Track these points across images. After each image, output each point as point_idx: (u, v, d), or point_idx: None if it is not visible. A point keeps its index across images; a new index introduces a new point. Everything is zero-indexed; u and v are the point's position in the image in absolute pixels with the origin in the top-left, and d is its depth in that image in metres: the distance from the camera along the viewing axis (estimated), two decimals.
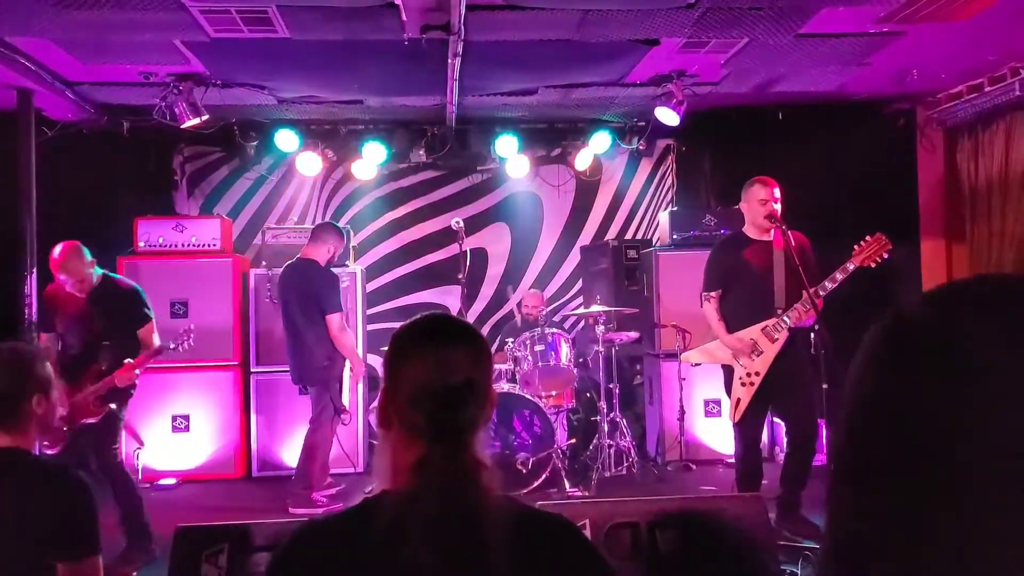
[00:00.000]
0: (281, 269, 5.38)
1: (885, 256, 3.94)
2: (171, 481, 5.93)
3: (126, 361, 4.07)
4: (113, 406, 4.10)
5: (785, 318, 4.07)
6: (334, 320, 4.94)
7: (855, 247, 4.02)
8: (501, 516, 1.20)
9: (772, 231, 4.20)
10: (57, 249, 4.17)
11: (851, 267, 3.98)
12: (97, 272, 4.25)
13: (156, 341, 4.30)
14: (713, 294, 4.35)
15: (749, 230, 4.31)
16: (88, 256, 4.19)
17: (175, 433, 6.05)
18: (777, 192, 4.23)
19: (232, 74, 5.47)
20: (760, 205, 4.20)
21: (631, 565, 2.37)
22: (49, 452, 3.93)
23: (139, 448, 5.99)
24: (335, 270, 5.29)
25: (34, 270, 5.45)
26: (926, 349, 0.61)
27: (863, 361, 0.66)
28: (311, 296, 4.98)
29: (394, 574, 1.18)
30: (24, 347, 2.18)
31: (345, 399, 5.02)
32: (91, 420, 4.03)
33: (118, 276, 4.52)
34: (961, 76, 5.93)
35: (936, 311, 0.63)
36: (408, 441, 1.26)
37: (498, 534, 1.18)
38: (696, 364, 4.91)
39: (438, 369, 1.27)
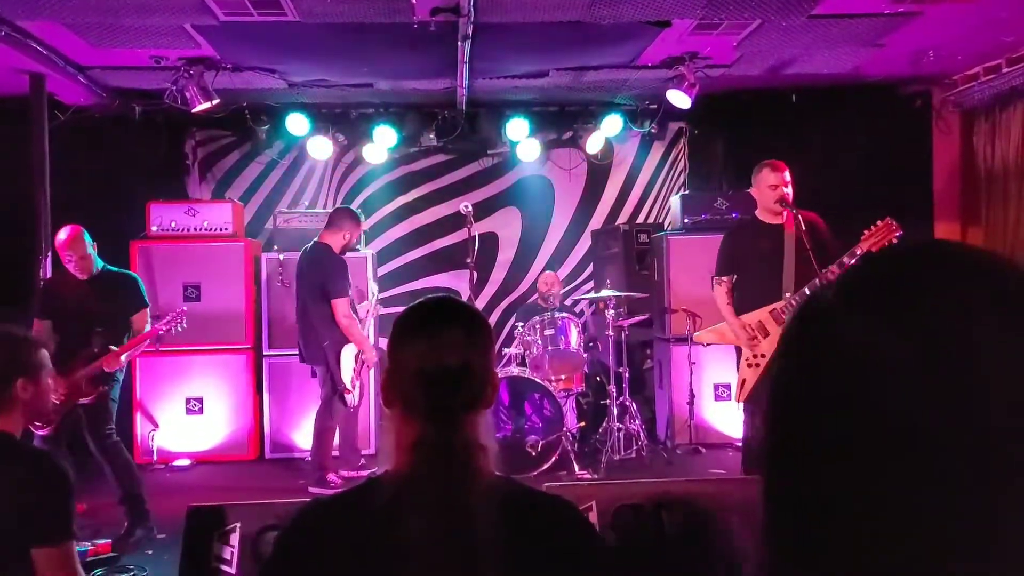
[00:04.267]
0: (292, 253, 5.46)
1: (894, 241, 3.91)
2: (185, 463, 6.00)
3: (110, 348, 4.16)
4: (105, 387, 4.20)
5: (793, 301, 4.06)
6: (339, 305, 4.97)
7: (864, 232, 3.99)
8: (494, 497, 1.21)
9: (784, 215, 4.17)
10: (63, 231, 4.35)
11: (859, 252, 3.94)
12: (98, 264, 4.40)
13: (147, 328, 4.42)
14: (725, 279, 4.35)
15: (761, 214, 4.29)
16: (89, 240, 4.38)
17: (189, 415, 6.11)
18: (787, 175, 4.19)
19: (242, 58, 5.47)
20: (770, 190, 4.16)
21: (636, 546, 2.38)
22: (40, 433, 4.02)
23: (154, 430, 6.07)
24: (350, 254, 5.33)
25: (48, 254, 5.50)
26: (826, 334, 0.61)
27: (780, 345, 0.65)
28: (318, 280, 5.03)
29: (390, 553, 1.20)
30: (13, 331, 2.17)
31: (347, 380, 5.06)
32: (85, 401, 4.14)
33: (116, 268, 4.63)
34: (978, 57, 5.85)
35: (836, 295, 0.62)
36: (408, 421, 1.28)
37: (489, 514, 1.19)
38: (708, 344, 4.89)
39: (434, 351, 1.29)
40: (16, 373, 2.06)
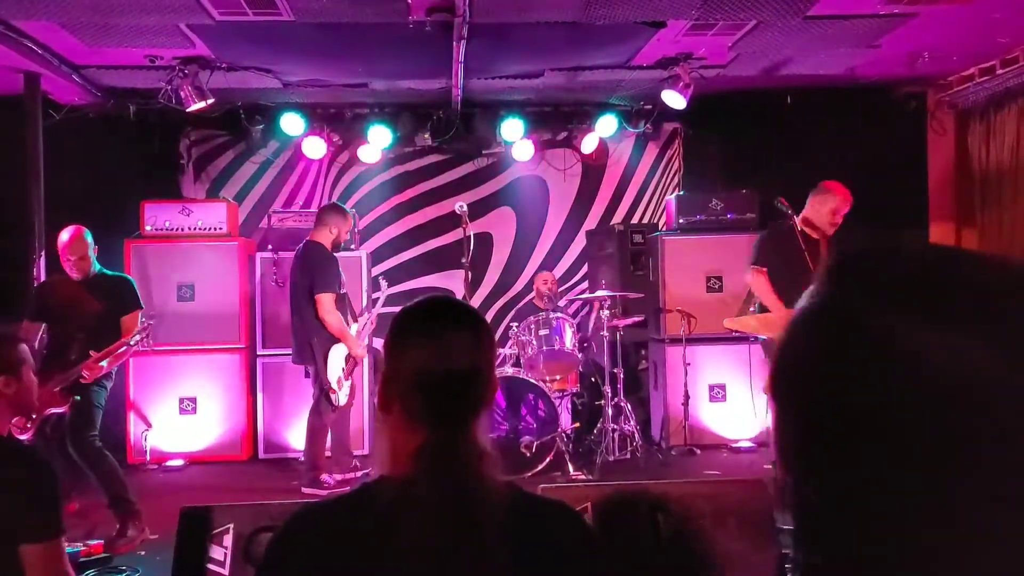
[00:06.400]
0: (287, 253, 5.46)
1: None
2: (179, 463, 5.98)
3: (90, 354, 4.08)
4: (76, 397, 4.09)
5: None
6: (323, 300, 4.95)
7: None
8: (499, 503, 1.19)
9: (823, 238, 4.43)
10: (65, 232, 4.35)
11: None
12: (95, 267, 4.43)
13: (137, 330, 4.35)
14: (765, 268, 4.51)
15: (806, 227, 4.44)
16: (91, 241, 4.40)
17: (182, 415, 6.09)
18: (846, 211, 4.44)
19: (237, 57, 5.46)
20: (829, 214, 4.41)
21: (631, 547, 2.38)
22: (23, 439, 3.95)
23: (147, 430, 6.05)
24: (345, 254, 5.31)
25: (43, 253, 5.48)
26: (833, 324, 0.62)
27: (789, 338, 0.66)
28: (307, 278, 5.03)
29: (390, 561, 1.17)
30: None
31: (333, 379, 5.04)
32: (57, 410, 4.04)
33: (111, 272, 4.64)
34: (973, 58, 5.87)
35: (844, 286, 0.63)
36: (408, 426, 1.24)
37: (495, 521, 1.16)
38: (757, 338, 4.88)
39: (440, 354, 1.24)
40: None
